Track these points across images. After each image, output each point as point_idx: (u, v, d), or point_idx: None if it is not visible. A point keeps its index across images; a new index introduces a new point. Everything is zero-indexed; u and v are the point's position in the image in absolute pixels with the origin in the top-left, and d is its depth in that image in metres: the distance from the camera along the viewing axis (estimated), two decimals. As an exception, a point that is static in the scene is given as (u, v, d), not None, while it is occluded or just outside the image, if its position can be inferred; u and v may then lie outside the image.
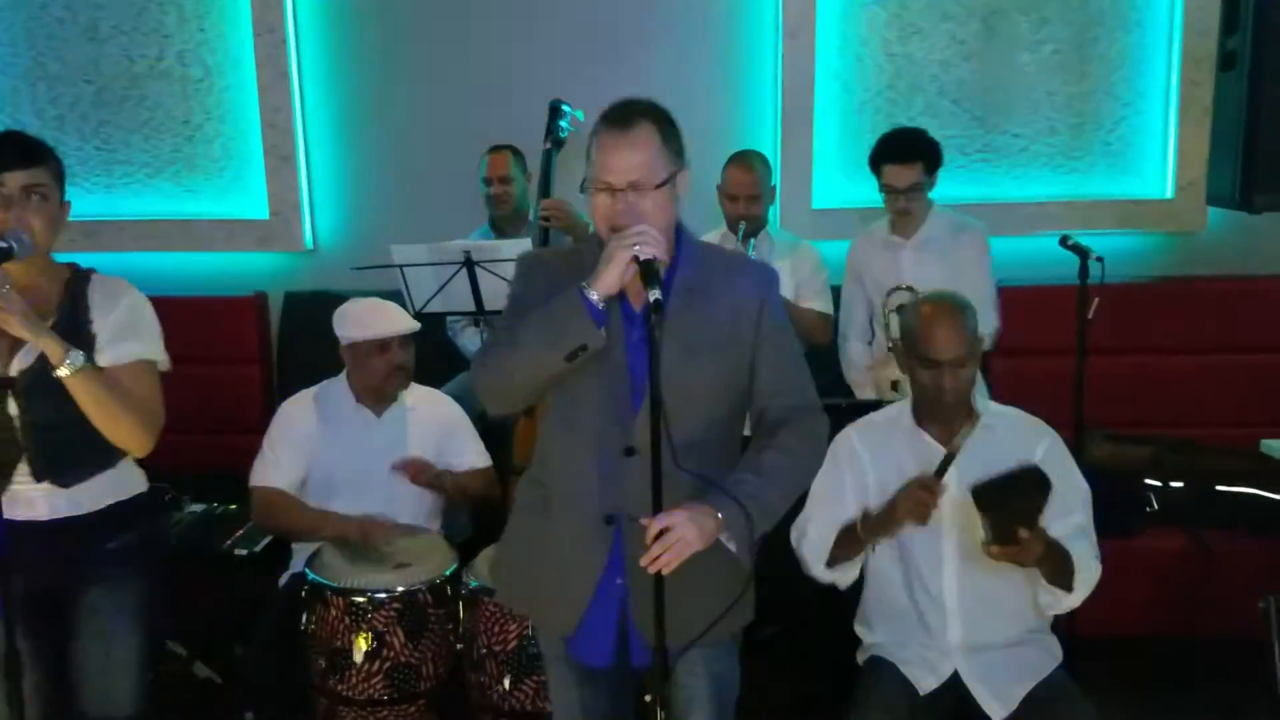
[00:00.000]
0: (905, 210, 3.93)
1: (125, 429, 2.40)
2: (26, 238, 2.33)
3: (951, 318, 2.65)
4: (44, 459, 2.46)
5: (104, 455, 2.51)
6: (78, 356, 2.31)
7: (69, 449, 2.45)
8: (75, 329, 2.44)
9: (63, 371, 2.30)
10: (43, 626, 2.55)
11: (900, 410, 2.80)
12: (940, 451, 2.66)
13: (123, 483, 2.59)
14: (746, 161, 4.07)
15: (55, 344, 2.30)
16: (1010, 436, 2.71)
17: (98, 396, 2.35)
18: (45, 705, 2.59)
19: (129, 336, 2.47)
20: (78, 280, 2.51)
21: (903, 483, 2.64)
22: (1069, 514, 2.61)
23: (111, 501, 2.56)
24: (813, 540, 2.70)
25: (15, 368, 2.41)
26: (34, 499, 2.48)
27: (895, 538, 2.67)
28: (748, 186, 4.02)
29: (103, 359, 2.44)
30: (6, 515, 2.45)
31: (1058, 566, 2.54)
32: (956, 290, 2.81)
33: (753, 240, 4.00)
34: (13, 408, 2.42)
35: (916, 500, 2.53)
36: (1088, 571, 2.59)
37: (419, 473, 3.37)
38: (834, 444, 2.78)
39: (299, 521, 3.31)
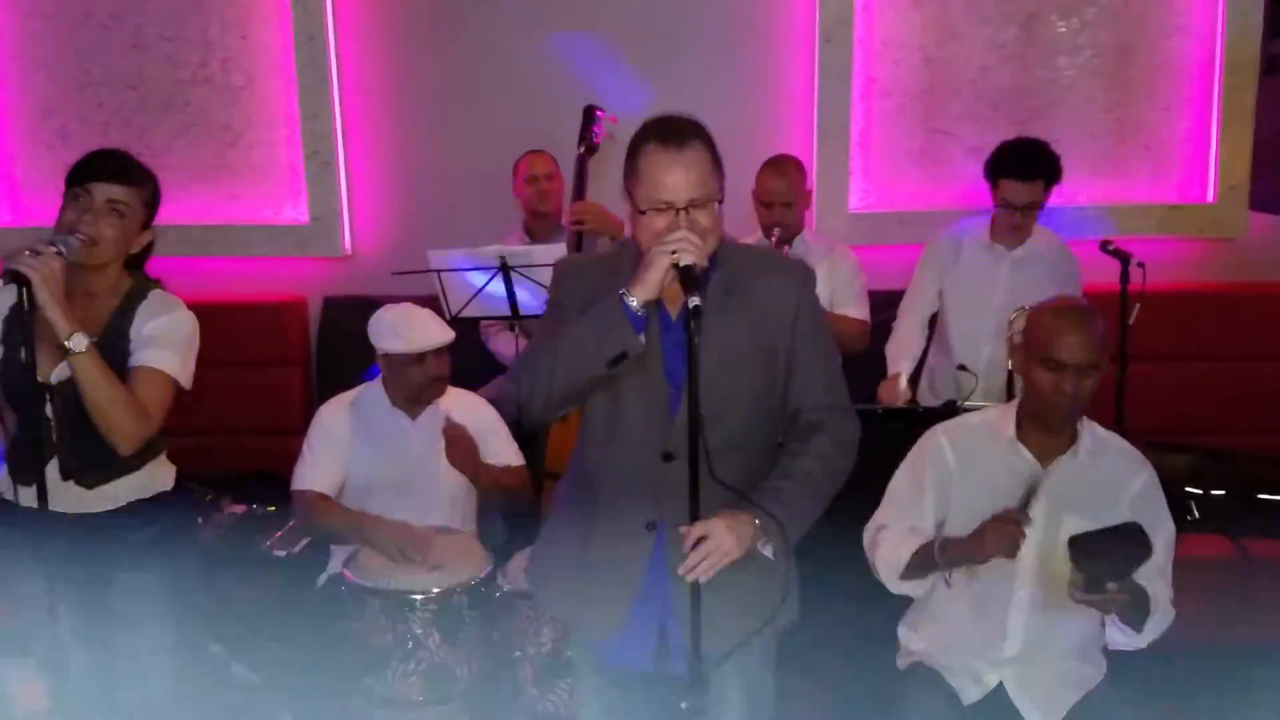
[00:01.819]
0: (1019, 227, 3.86)
1: (112, 422, 2.45)
2: (75, 242, 2.41)
3: (1086, 323, 2.54)
4: (72, 461, 2.55)
5: (127, 463, 2.57)
6: (80, 340, 2.36)
7: (94, 455, 2.53)
8: (118, 337, 2.53)
9: (69, 344, 2.35)
10: (80, 613, 2.62)
11: (1002, 417, 2.68)
12: (1037, 468, 2.59)
13: (146, 484, 2.66)
14: (780, 167, 4.04)
15: (63, 320, 2.35)
16: (1108, 466, 2.63)
17: (93, 382, 2.40)
18: (89, 691, 2.65)
19: (153, 345, 2.54)
20: (135, 294, 2.60)
21: (993, 496, 2.58)
22: (1152, 554, 2.57)
23: (135, 498, 2.63)
24: (886, 554, 2.65)
25: (56, 376, 2.49)
26: (60, 493, 2.55)
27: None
28: (781, 193, 4.00)
29: (129, 362, 2.52)
30: (33, 505, 2.51)
31: (1136, 610, 2.49)
32: None
33: (787, 247, 3.99)
34: (50, 411, 2.51)
35: (1005, 535, 2.44)
36: (1162, 617, 2.56)
37: (459, 448, 3.31)
38: (920, 444, 2.73)
39: (339, 524, 3.34)
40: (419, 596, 3.00)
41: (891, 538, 2.66)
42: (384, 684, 3.01)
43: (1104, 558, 2.33)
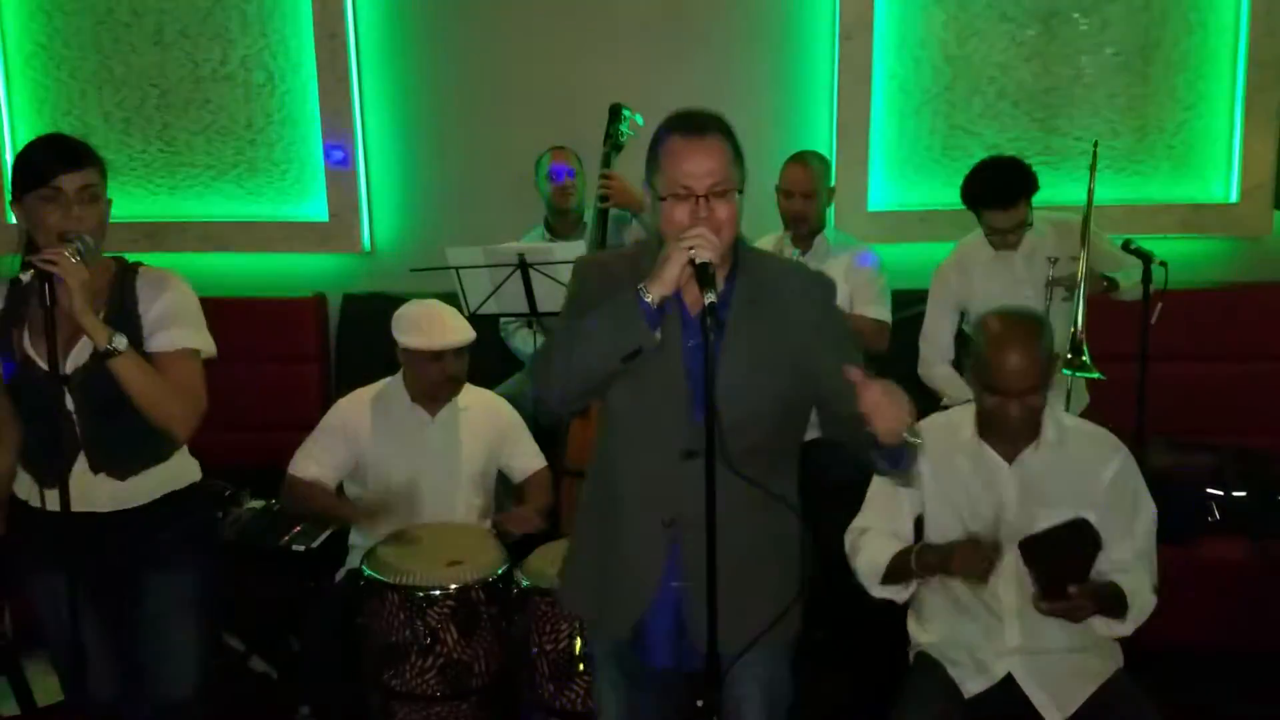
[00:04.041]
0: (1011, 245, 3.81)
1: (166, 413, 2.45)
2: (90, 240, 2.39)
3: (1026, 342, 2.50)
4: (100, 452, 2.53)
5: (156, 449, 2.57)
6: (121, 340, 2.37)
7: (122, 442, 2.51)
8: (124, 318, 2.49)
9: (113, 347, 2.35)
10: (109, 613, 2.62)
11: (962, 419, 2.70)
12: (1003, 465, 2.62)
13: (177, 474, 2.65)
14: (803, 159, 4.08)
15: (100, 326, 2.36)
16: (1079, 454, 2.63)
17: (141, 380, 2.40)
18: (115, 688, 2.65)
19: (172, 325, 2.52)
20: (125, 273, 2.57)
21: (964, 493, 2.61)
22: (1132, 539, 2.57)
23: (166, 491, 2.62)
24: (867, 559, 2.67)
25: (70, 365, 2.47)
26: (93, 492, 2.53)
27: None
28: (802, 183, 4.02)
29: (148, 346, 2.50)
30: (63, 509, 2.50)
31: (1109, 604, 2.51)
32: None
33: (802, 249, 4.00)
34: (70, 403, 2.48)
35: (975, 562, 2.48)
36: (1141, 604, 2.55)
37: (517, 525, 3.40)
38: None
39: (318, 507, 3.40)
40: (437, 592, 3.01)
41: (871, 542, 2.68)
42: (401, 679, 3.02)
43: (1055, 559, 2.34)
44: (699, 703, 2.11)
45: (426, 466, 3.40)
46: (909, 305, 4.18)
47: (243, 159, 5.03)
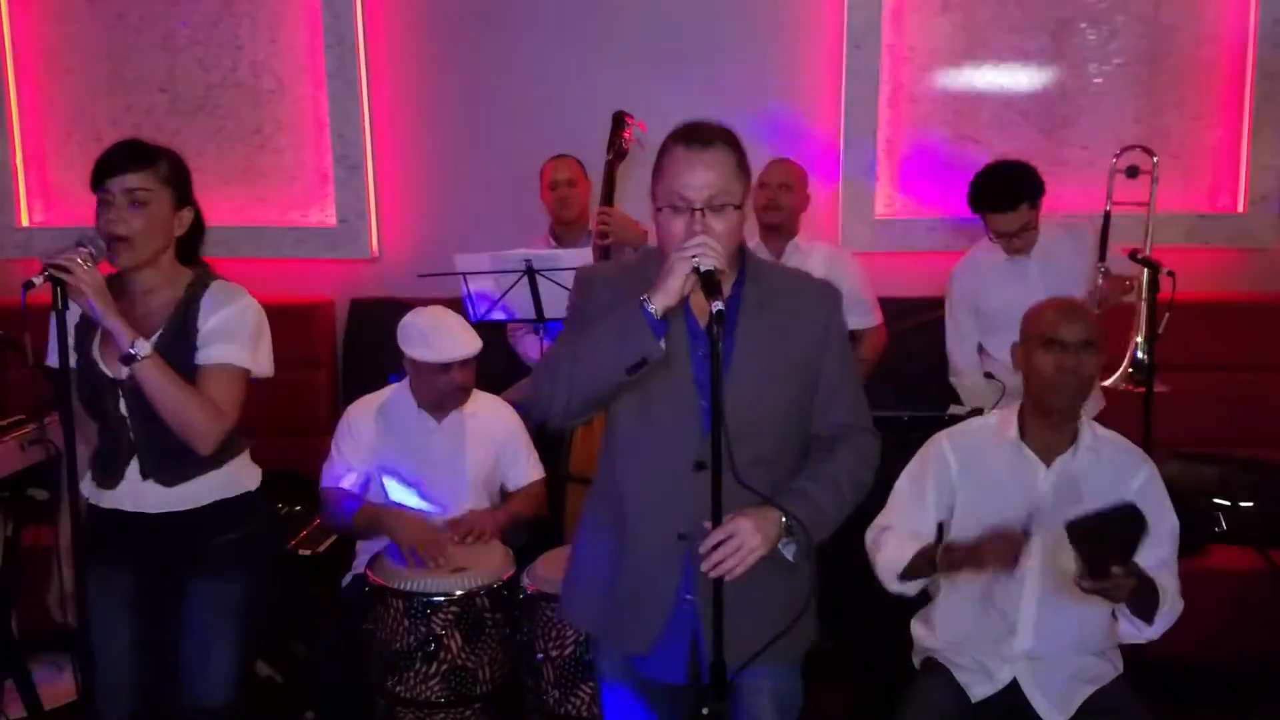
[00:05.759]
0: (1020, 248, 3.84)
1: (184, 424, 2.44)
2: (103, 243, 2.40)
3: (1077, 308, 2.68)
4: (150, 458, 2.54)
5: (207, 460, 2.54)
6: (144, 346, 2.36)
7: (171, 452, 2.51)
8: (183, 332, 2.51)
9: (134, 352, 2.35)
10: (152, 614, 2.62)
11: (1006, 419, 2.73)
12: (1041, 466, 2.64)
13: (232, 481, 2.64)
14: (782, 158, 4.21)
15: (125, 330, 2.35)
16: (1109, 463, 2.66)
17: (161, 388, 2.40)
18: (147, 689, 2.64)
19: (220, 340, 2.52)
20: (198, 285, 2.57)
21: (997, 496, 2.62)
22: (1157, 548, 2.57)
23: (218, 498, 2.60)
24: (888, 553, 2.68)
25: (125, 371, 2.47)
26: (143, 493, 2.55)
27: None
28: (779, 175, 4.12)
29: (196, 359, 2.50)
30: (119, 507, 2.56)
31: (1145, 599, 2.51)
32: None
33: (774, 253, 4.04)
34: (124, 408, 2.50)
35: (1004, 550, 2.50)
36: (1171, 609, 2.57)
37: (470, 533, 3.34)
38: (923, 450, 2.78)
39: (362, 518, 3.36)
40: (441, 598, 3.02)
41: (893, 539, 2.70)
42: (406, 685, 3.02)
43: (1102, 538, 2.35)
44: (705, 710, 2.11)
45: (432, 471, 3.40)
46: (916, 313, 4.19)
47: (251, 164, 5.04)
